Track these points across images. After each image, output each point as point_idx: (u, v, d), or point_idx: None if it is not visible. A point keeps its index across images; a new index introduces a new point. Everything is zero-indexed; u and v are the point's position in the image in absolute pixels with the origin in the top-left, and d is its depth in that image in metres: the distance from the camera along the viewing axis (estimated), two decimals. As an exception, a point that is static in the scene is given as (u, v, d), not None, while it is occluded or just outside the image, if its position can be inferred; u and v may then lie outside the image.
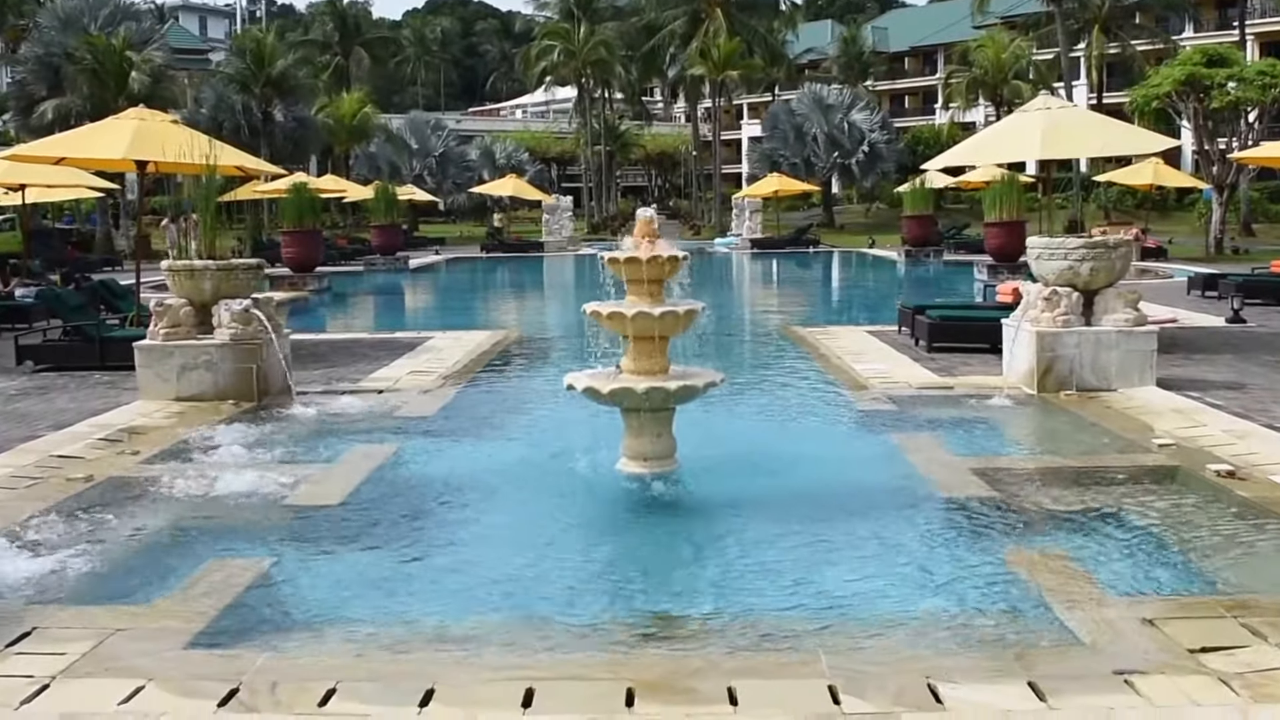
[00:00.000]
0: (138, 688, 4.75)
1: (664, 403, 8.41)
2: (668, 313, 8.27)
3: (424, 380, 13.19)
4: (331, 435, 10.30)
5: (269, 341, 11.86)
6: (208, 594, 6.04)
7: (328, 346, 16.48)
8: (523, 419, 11.15)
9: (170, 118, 15.83)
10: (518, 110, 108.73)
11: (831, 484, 8.53)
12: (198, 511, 7.79)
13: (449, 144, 69.82)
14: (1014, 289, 16.22)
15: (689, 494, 8.24)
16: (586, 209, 71.80)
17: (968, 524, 7.44)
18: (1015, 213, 28.16)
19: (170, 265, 12.17)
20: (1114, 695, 4.64)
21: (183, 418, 11.02)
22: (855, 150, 63.91)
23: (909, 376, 13.09)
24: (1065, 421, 10.76)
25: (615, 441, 8.73)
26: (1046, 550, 6.78)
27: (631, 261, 8.36)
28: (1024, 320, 12.25)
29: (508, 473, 8.86)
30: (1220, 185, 39.37)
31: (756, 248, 47.87)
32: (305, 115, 56.75)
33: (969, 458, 9.16)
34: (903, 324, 16.81)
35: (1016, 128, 15.39)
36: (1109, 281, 12.25)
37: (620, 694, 4.64)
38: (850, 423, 10.93)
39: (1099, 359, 11.93)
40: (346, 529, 7.41)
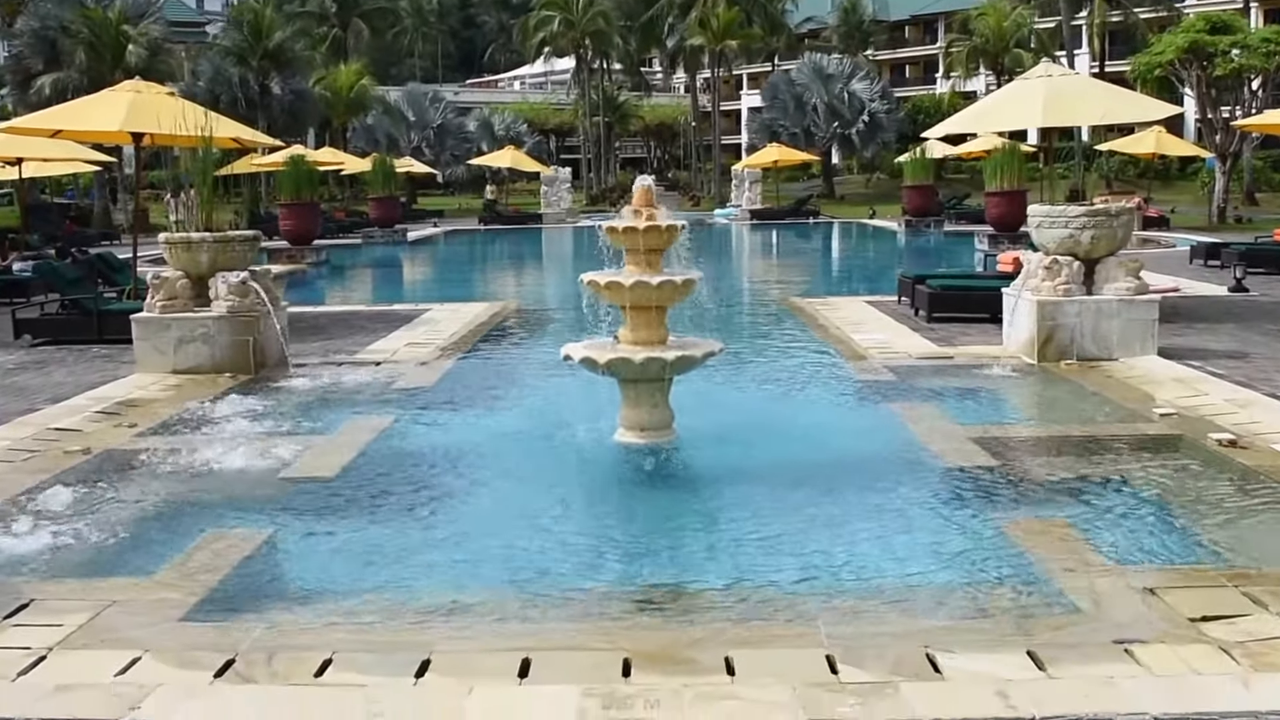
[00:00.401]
0: (134, 659, 4.73)
1: (661, 373, 8.37)
2: (665, 282, 8.22)
3: (421, 352, 13.15)
4: (329, 407, 10.27)
5: (266, 314, 11.81)
6: (205, 566, 6.02)
7: (325, 319, 16.44)
8: (520, 390, 11.12)
9: (166, 90, 15.72)
10: (516, 82, 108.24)
11: (830, 454, 8.49)
12: (195, 483, 7.76)
13: (447, 116, 69.55)
14: (1014, 258, 16.12)
15: (687, 464, 8.21)
16: (585, 181, 71.59)
17: (967, 493, 7.41)
18: (1016, 182, 28.03)
19: (167, 238, 12.10)
20: (1114, 664, 4.62)
21: (180, 390, 10.99)
22: (855, 120, 63.63)
23: (908, 346, 13.04)
24: (1066, 391, 10.72)
25: (613, 412, 8.69)
26: (1047, 519, 6.75)
27: (629, 231, 8.31)
28: (1024, 289, 12.20)
29: (504, 444, 8.82)
30: (1223, 154, 39.23)
31: (756, 219, 47.72)
32: (302, 88, 56.43)
33: (969, 427, 9.12)
34: (902, 294, 16.75)
35: (1018, 95, 15.29)
36: (1110, 250, 12.18)
37: (617, 664, 4.62)
38: (849, 393, 10.88)
39: (1100, 328, 11.88)
40: (343, 501, 7.37)
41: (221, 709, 4.23)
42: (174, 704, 4.29)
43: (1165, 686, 4.41)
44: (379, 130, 66.45)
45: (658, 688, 4.40)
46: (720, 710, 4.21)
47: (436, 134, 68.16)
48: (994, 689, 4.37)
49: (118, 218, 46.70)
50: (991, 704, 4.25)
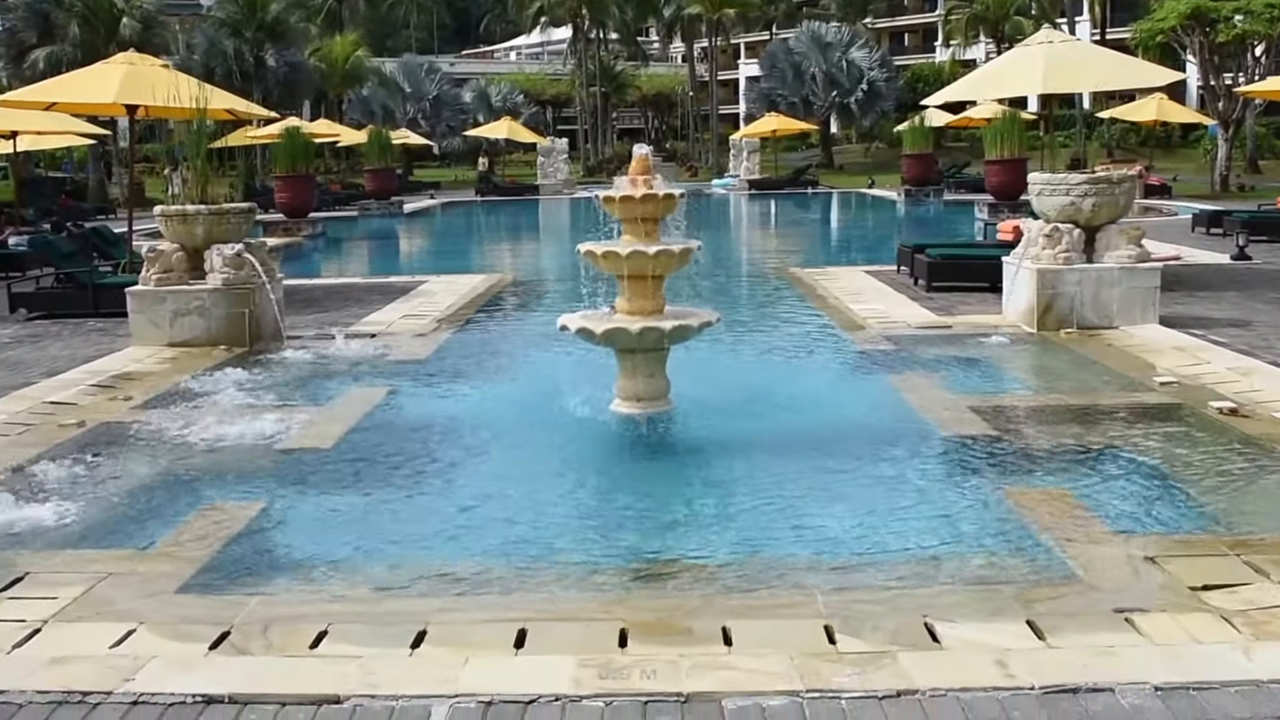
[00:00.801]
0: (129, 631, 4.71)
1: (658, 343, 8.32)
2: (663, 251, 8.16)
3: (417, 324, 13.09)
4: (324, 379, 10.22)
5: (261, 286, 11.74)
6: (200, 538, 5.99)
7: (321, 291, 16.36)
8: (516, 361, 11.08)
9: (160, 62, 15.59)
10: (512, 52, 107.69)
11: (828, 424, 8.45)
12: (190, 456, 7.72)
13: (442, 87, 69.10)
14: (1015, 227, 16.05)
15: (684, 434, 8.18)
16: (582, 151, 71.23)
17: (967, 462, 7.38)
18: (1017, 150, 27.89)
19: (163, 210, 12.03)
20: (1114, 634, 4.59)
21: (175, 363, 10.93)
22: (854, 89, 63.23)
23: (907, 316, 12.99)
24: (1065, 360, 10.67)
25: (609, 382, 8.65)
26: (1047, 488, 6.73)
27: (626, 200, 8.24)
28: (1024, 258, 12.13)
29: (500, 415, 8.79)
30: (1226, 121, 39.00)
31: (754, 189, 47.51)
32: (298, 60, 56.07)
33: (968, 396, 9.08)
34: (902, 263, 16.68)
35: (1019, 62, 15.18)
36: (1111, 218, 12.11)
37: (613, 635, 4.59)
38: (847, 363, 10.84)
39: (1100, 296, 11.82)
40: (339, 472, 7.34)
41: (216, 680, 4.20)
42: (169, 675, 4.26)
43: (1166, 655, 4.38)
44: (375, 102, 66.02)
45: (654, 658, 4.37)
46: (717, 679, 4.18)
47: (432, 105, 67.76)
48: (993, 658, 4.34)
49: (113, 191, 46.50)
50: (990, 673, 4.22)
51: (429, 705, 4.01)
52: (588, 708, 3.99)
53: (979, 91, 18.25)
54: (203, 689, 4.11)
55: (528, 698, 4.04)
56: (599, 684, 4.13)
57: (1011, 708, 3.98)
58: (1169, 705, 4.00)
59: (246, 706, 4.02)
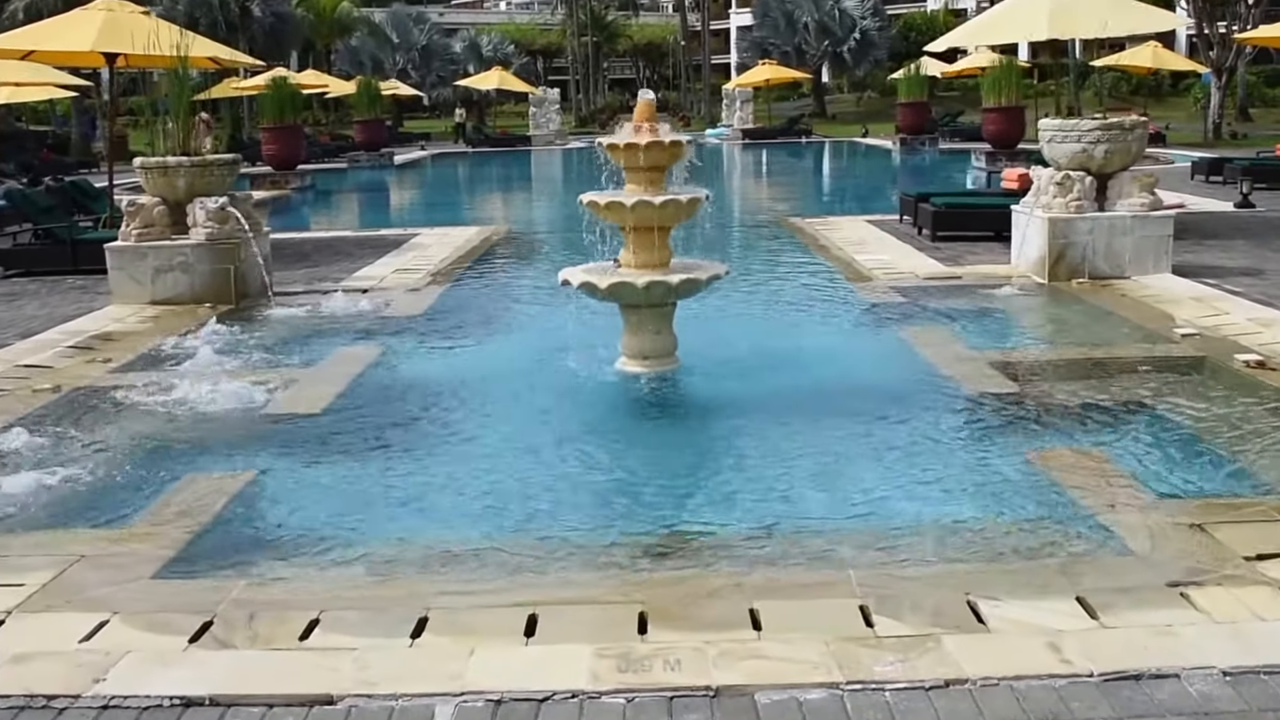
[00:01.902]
0: (101, 623, 4.30)
1: (665, 298, 7.92)
2: (669, 201, 7.75)
3: (410, 278, 12.67)
4: (314, 338, 9.81)
5: (247, 241, 11.29)
6: (181, 514, 5.61)
7: (311, 245, 15.91)
8: (514, 317, 10.67)
9: (140, 9, 15.03)
10: (502, 2, 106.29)
11: (842, 381, 8.08)
12: (171, 423, 7.32)
13: (432, 37, 68.01)
14: (1020, 175, 15.67)
15: (693, 394, 7.81)
16: (574, 102, 70.43)
17: (992, 422, 7.01)
18: (1014, 98, 27.43)
19: (143, 162, 11.56)
20: (1170, 610, 4.24)
21: (157, 322, 10.52)
22: (847, 38, 62.36)
23: (915, 266, 12.60)
24: (1080, 311, 10.31)
25: (612, 339, 8.27)
26: (1079, 448, 6.38)
27: (630, 147, 7.81)
28: (1035, 207, 11.74)
29: (500, 375, 8.40)
30: (1219, 69, 38.47)
31: (748, 138, 46.96)
32: (284, 9, 55.05)
33: (985, 350, 8.72)
34: (905, 213, 16.28)
35: (1022, 7, 14.68)
36: (1124, 165, 11.71)
37: (632, 620, 4.22)
38: (856, 316, 10.45)
39: (1113, 245, 11.44)
40: (329, 439, 6.96)
41: (196, 679, 3.81)
42: (144, 674, 3.85)
43: (1229, 635, 4.04)
44: (363, 52, 64.98)
45: (677, 646, 4.00)
46: (747, 670, 3.81)
47: (422, 55, 66.73)
48: (1045, 641, 3.99)
49: (98, 145, 45.69)
50: (1044, 659, 3.86)
51: (432, 705, 3.62)
52: (608, 705, 3.61)
53: (981, 37, 17.75)
54: (181, 690, 3.70)
55: (541, 695, 3.66)
56: (619, 678, 3.75)
57: (1070, 698, 3.62)
58: (1240, 692, 3.65)
59: (229, 710, 3.62)
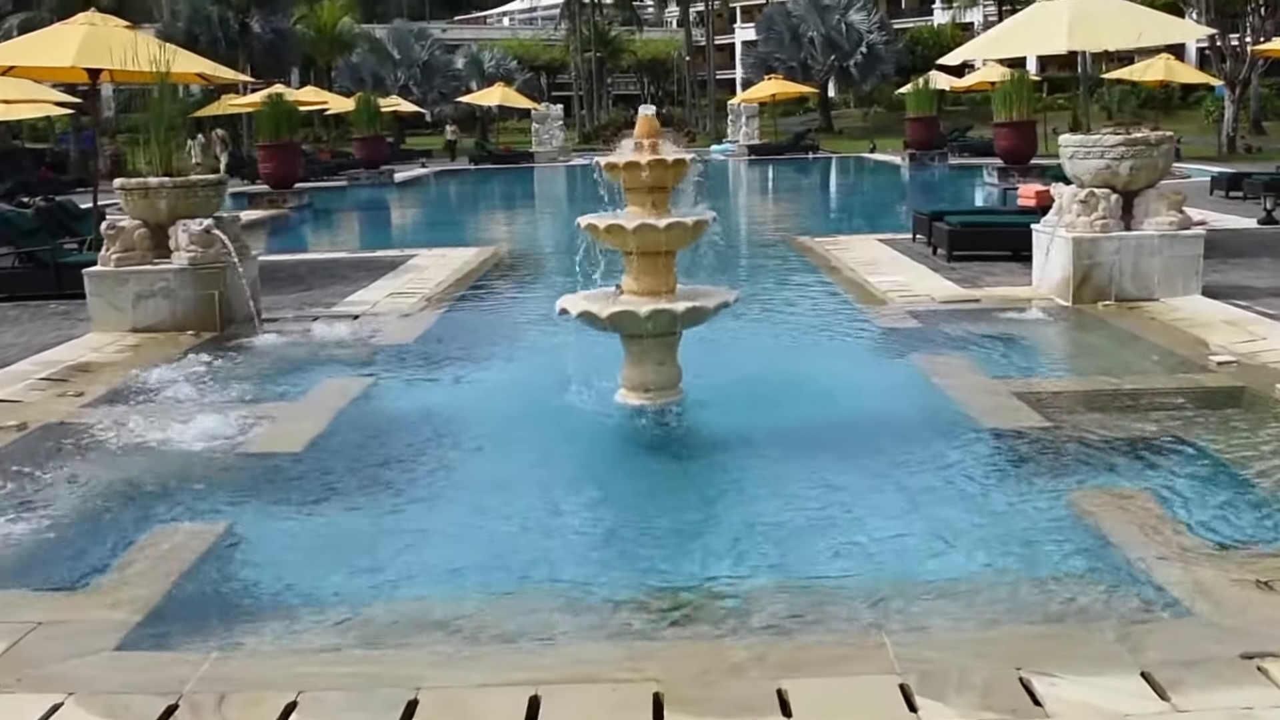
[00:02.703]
0: (55, 706, 3.80)
1: (670, 327, 7.42)
2: (674, 224, 7.25)
3: (405, 303, 12.17)
4: (299, 368, 9.30)
5: (232, 265, 10.80)
6: (148, 572, 5.09)
7: (304, 268, 15.41)
8: (511, 345, 10.12)
9: (123, 24, 14.59)
10: (505, 18, 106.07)
11: (858, 415, 7.55)
12: (142, 465, 6.81)
13: (434, 53, 67.72)
14: (1037, 192, 15.16)
15: (699, 430, 7.29)
16: (577, 118, 70.04)
17: (1021, 460, 6.50)
18: (1026, 112, 26.97)
19: (123, 183, 11.08)
20: (1249, 689, 3.73)
21: (137, 352, 10.02)
22: (853, 52, 61.98)
23: (930, 289, 12.09)
24: (1108, 336, 9.80)
25: (612, 368, 7.75)
26: (1120, 491, 5.86)
27: (631, 166, 7.31)
28: (1059, 226, 11.24)
29: (493, 409, 7.89)
30: (1232, 82, 37.98)
31: (754, 154, 46.48)
32: (284, 26, 54.94)
33: (1009, 381, 8.20)
34: (918, 231, 15.77)
35: (1041, 17, 14.21)
36: (1150, 181, 11.21)
37: (646, 702, 3.70)
38: (872, 343, 9.94)
39: (1140, 266, 10.95)
40: (311, 483, 6.45)
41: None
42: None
43: (1322, 723, 3.52)
44: (364, 69, 64.71)
45: (696, 737, 3.48)
46: (771, 772, 3.30)
47: (423, 72, 66.42)
48: (1112, 730, 3.48)
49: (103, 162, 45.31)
50: (1114, 755, 3.35)
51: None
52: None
53: (997, 49, 17.26)
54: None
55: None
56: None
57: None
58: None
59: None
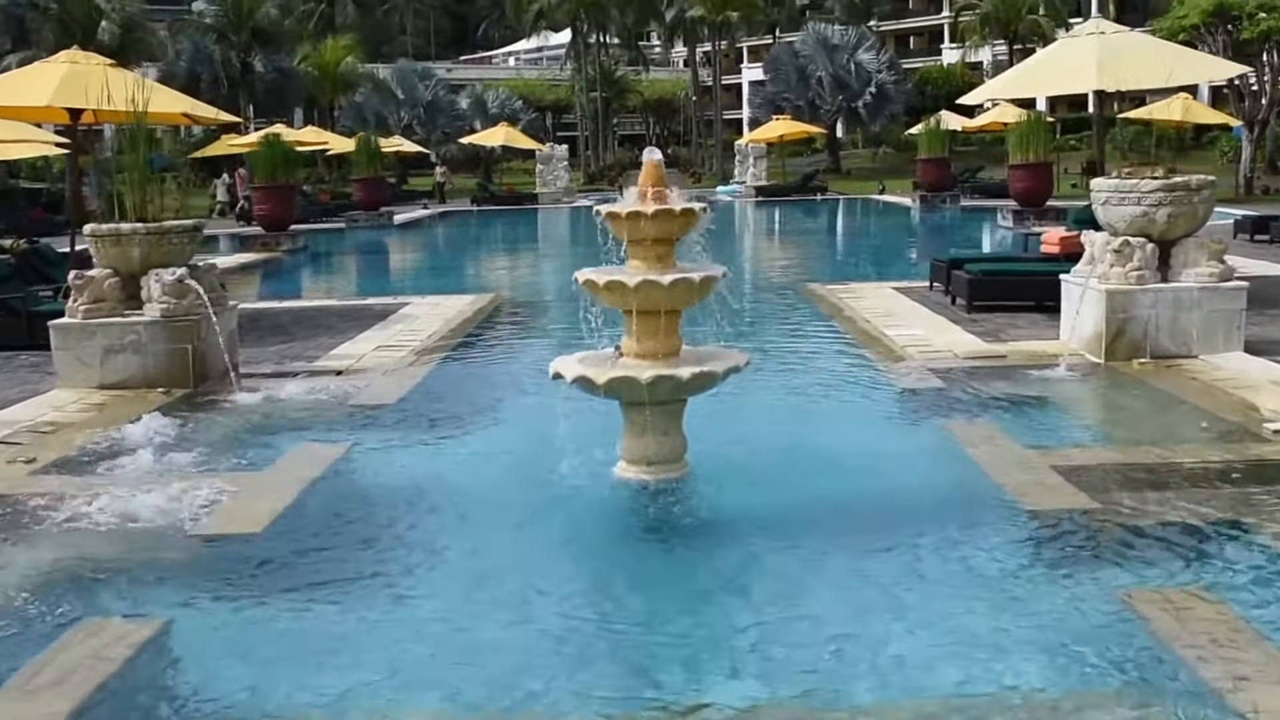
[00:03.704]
0: None
1: (674, 394, 6.70)
2: (680, 281, 6.54)
3: (391, 357, 11.45)
4: (272, 431, 8.58)
5: (207, 317, 10.11)
6: (63, 678, 4.44)
7: (290, 317, 14.71)
8: (501, 407, 9.33)
9: (106, 61, 14.02)
10: (510, 58, 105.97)
11: (882, 493, 6.81)
12: (82, 546, 6.09)
13: (438, 93, 67.29)
14: (1061, 238, 14.46)
15: (706, 510, 6.56)
16: (583, 158, 69.66)
17: (1067, 550, 5.75)
18: (1042, 154, 26.38)
19: (93, 229, 10.41)
20: None
21: (102, 411, 9.32)
22: (862, 92, 61.47)
23: (952, 343, 11.37)
24: (1148, 399, 9.05)
25: (611, 436, 7.04)
26: (1186, 589, 5.14)
27: (633, 217, 6.61)
28: (1091, 276, 10.53)
29: (479, 484, 7.16)
30: (1250, 122, 37.40)
31: (762, 195, 45.90)
32: (287, 66, 54.71)
33: (1045, 451, 7.46)
34: (935, 279, 15.07)
35: (1068, 55, 13.60)
36: (1189, 230, 10.51)
37: None
38: (890, 405, 9.19)
39: (1178, 321, 10.24)
40: (265, 572, 5.73)
41: None
42: None
43: None
44: (368, 108, 64.31)
45: None
46: None
47: (427, 111, 65.91)
48: None
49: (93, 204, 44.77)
50: None
51: None
52: None
53: (1022, 88, 16.64)
54: None
55: None
56: None
57: None
58: None
59: None
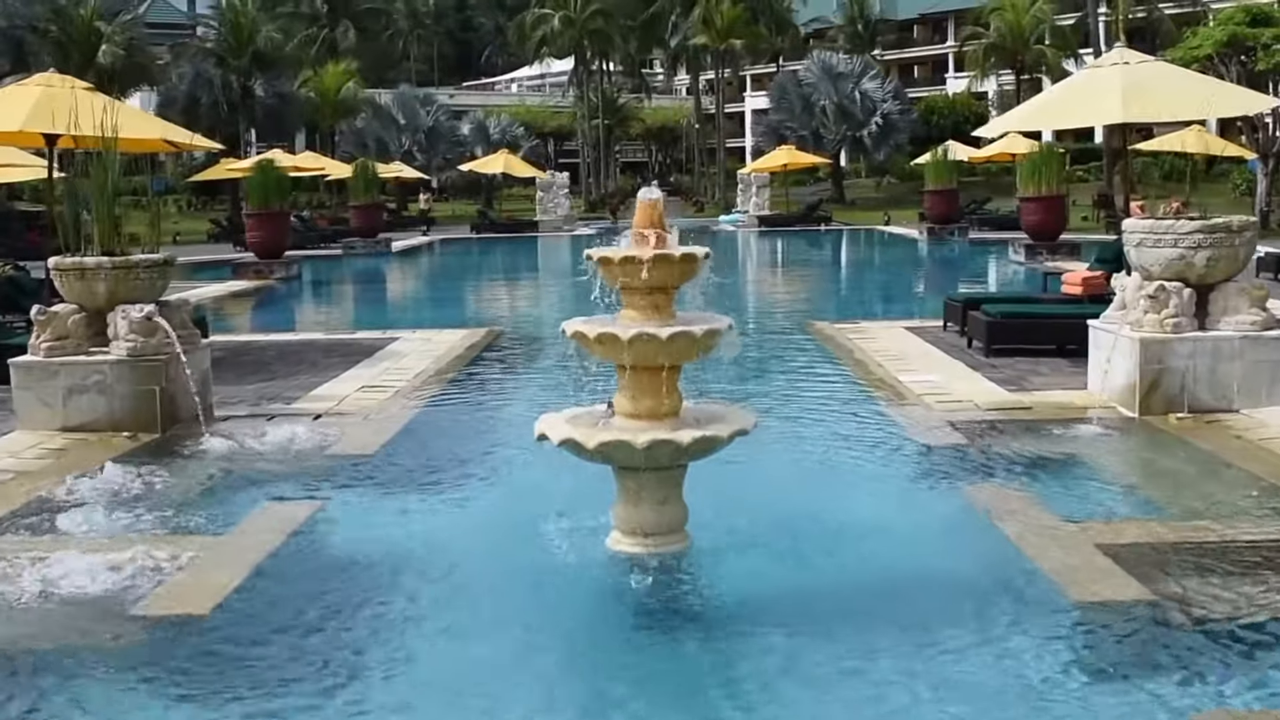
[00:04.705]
0: None
1: (673, 460, 6.00)
2: (680, 335, 5.84)
3: (375, 399, 10.75)
4: (238, 486, 7.86)
5: (175, 357, 9.41)
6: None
7: (273, 351, 14.00)
8: (487, 460, 8.54)
9: (84, 85, 13.38)
10: (513, 84, 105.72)
11: (906, 575, 6.07)
12: (8, 626, 5.39)
13: (439, 118, 66.81)
14: (1084, 278, 13.80)
15: (709, 592, 5.85)
16: (584, 186, 69.20)
17: (1122, 655, 5.01)
18: (1055, 186, 25.77)
19: (57, 263, 9.75)
20: None
21: (60, 458, 8.62)
22: (867, 121, 60.92)
23: (972, 393, 10.66)
24: (1189, 460, 8.33)
25: (604, 499, 6.32)
26: (1264, 712, 4.41)
27: (628, 262, 5.93)
28: (1124, 324, 9.85)
29: (457, 553, 6.44)
30: (1265, 154, 36.83)
31: (764, 225, 45.30)
32: (287, 90, 54.24)
33: (1086, 525, 6.72)
34: (950, 320, 14.39)
35: (1091, 86, 12.91)
36: (1229, 274, 9.84)
37: None
38: (911, 466, 8.42)
39: (1217, 372, 9.55)
40: (215, 661, 5.02)
41: None
42: None
43: None
44: (368, 134, 63.85)
45: None
46: None
47: (428, 137, 65.43)
48: None
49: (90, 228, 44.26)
50: None
51: None
52: None
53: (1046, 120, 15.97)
54: None
55: None
56: None
57: None
58: None
59: None
